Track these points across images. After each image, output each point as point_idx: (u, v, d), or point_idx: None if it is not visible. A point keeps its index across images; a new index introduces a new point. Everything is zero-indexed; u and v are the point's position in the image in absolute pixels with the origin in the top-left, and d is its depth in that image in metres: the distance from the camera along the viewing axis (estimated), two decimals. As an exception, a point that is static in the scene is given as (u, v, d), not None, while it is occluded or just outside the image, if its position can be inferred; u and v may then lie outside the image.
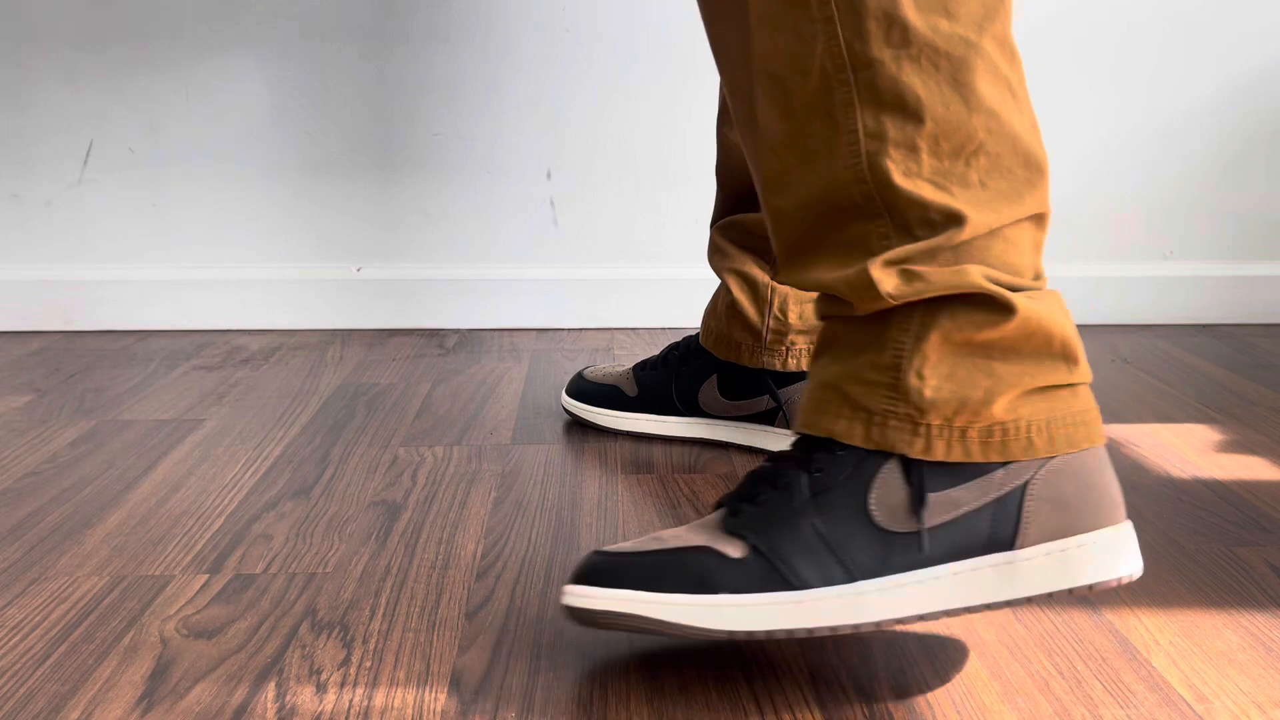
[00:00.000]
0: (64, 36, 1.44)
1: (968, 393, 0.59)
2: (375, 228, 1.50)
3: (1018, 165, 0.59)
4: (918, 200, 0.58)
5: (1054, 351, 0.60)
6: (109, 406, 1.14)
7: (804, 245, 0.63)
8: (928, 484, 0.59)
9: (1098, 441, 0.61)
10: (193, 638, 0.66)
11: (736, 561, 0.59)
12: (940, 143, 0.58)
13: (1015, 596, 0.59)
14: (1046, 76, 1.49)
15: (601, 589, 0.60)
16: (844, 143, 0.59)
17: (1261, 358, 1.35)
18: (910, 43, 0.57)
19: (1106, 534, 0.60)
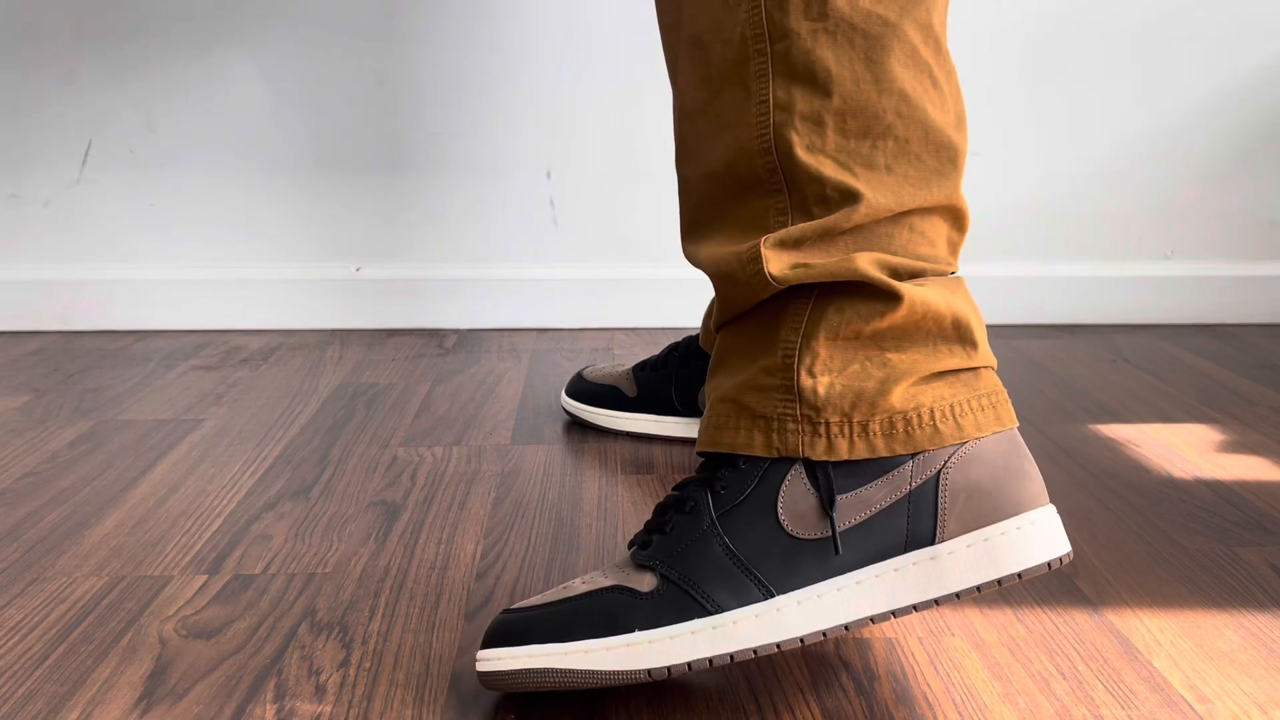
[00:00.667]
0: (64, 36, 1.44)
1: (862, 385, 0.57)
2: (375, 228, 1.50)
3: (928, 153, 0.58)
4: (816, 175, 0.57)
5: (947, 334, 0.59)
6: (108, 406, 1.14)
7: (704, 217, 0.62)
8: (836, 485, 0.58)
9: (1008, 424, 0.60)
10: (191, 638, 0.66)
11: (647, 595, 0.57)
12: (847, 120, 0.57)
13: (943, 594, 0.57)
14: (1046, 77, 1.49)
15: (510, 648, 0.56)
16: (754, 112, 0.58)
17: (1262, 357, 1.35)
18: (828, 17, 0.56)
19: (1029, 518, 0.58)
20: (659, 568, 0.58)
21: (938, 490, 0.58)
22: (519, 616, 0.58)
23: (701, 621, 0.56)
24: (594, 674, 0.56)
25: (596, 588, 0.58)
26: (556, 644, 0.56)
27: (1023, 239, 1.52)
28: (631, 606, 0.57)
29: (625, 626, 0.56)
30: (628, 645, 0.56)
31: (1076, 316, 1.53)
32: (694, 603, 0.57)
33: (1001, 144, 1.50)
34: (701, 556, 0.57)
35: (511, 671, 0.56)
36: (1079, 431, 1.05)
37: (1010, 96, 1.49)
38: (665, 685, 0.61)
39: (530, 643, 0.56)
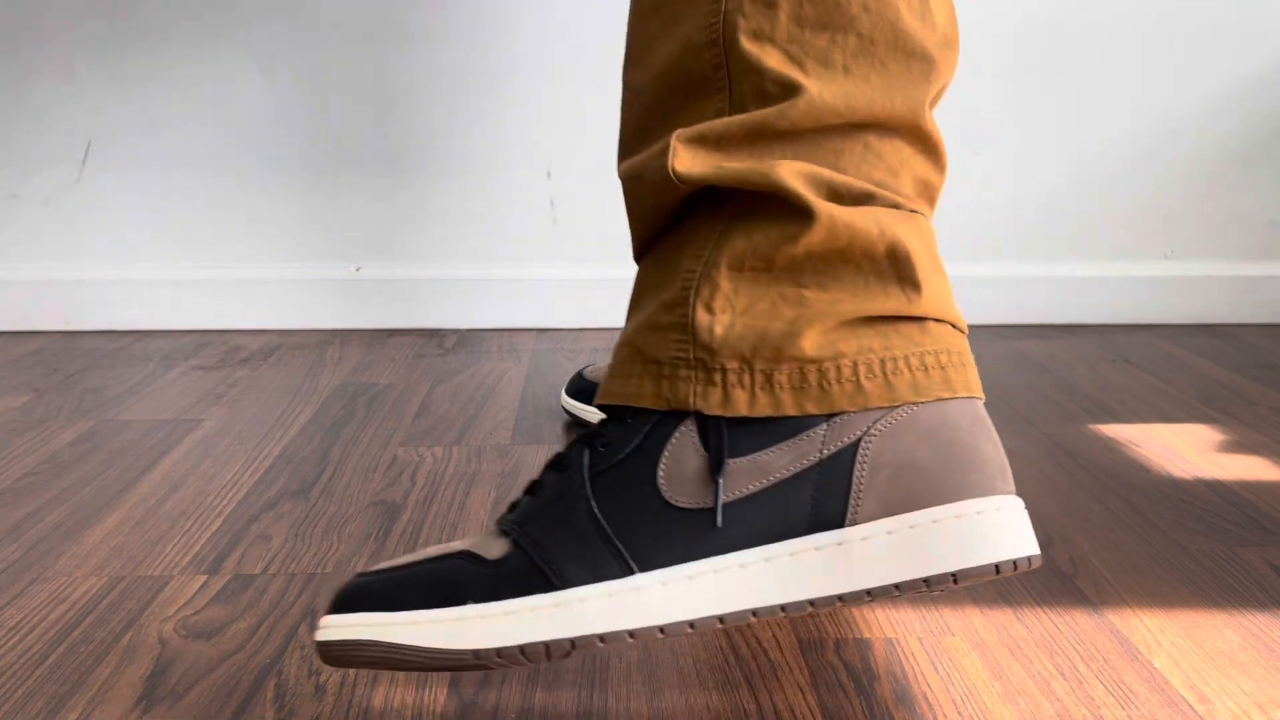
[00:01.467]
0: (64, 36, 1.44)
1: (768, 325, 0.47)
2: (375, 228, 1.50)
3: (895, 59, 0.48)
4: (758, 66, 0.47)
5: (880, 269, 0.47)
6: (107, 406, 1.14)
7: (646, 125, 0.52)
8: (729, 446, 0.47)
9: (961, 392, 0.48)
10: (191, 638, 0.66)
11: (492, 563, 0.48)
12: (804, 5, 0.47)
13: (851, 589, 0.46)
14: (1047, 77, 1.49)
15: (341, 615, 0.48)
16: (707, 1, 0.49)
17: (1263, 357, 1.35)
18: None
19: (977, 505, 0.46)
20: (514, 533, 0.49)
21: (854, 461, 0.47)
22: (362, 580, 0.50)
23: (544, 598, 0.46)
24: (418, 650, 0.47)
25: (445, 552, 0.50)
26: (385, 613, 0.47)
27: (1023, 239, 1.52)
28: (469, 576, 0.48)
29: (459, 598, 0.47)
30: (458, 620, 0.47)
31: (1076, 316, 1.53)
32: (539, 574, 0.47)
33: (1002, 144, 1.50)
34: (562, 522, 0.48)
35: (339, 642, 0.48)
36: (1079, 431, 1.05)
37: (1010, 96, 1.49)
38: (666, 686, 0.61)
39: (362, 610, 0.48)
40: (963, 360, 0.50)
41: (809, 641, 0.66)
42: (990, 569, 0.46)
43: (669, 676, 0.62)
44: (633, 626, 0.46)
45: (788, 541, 0.47)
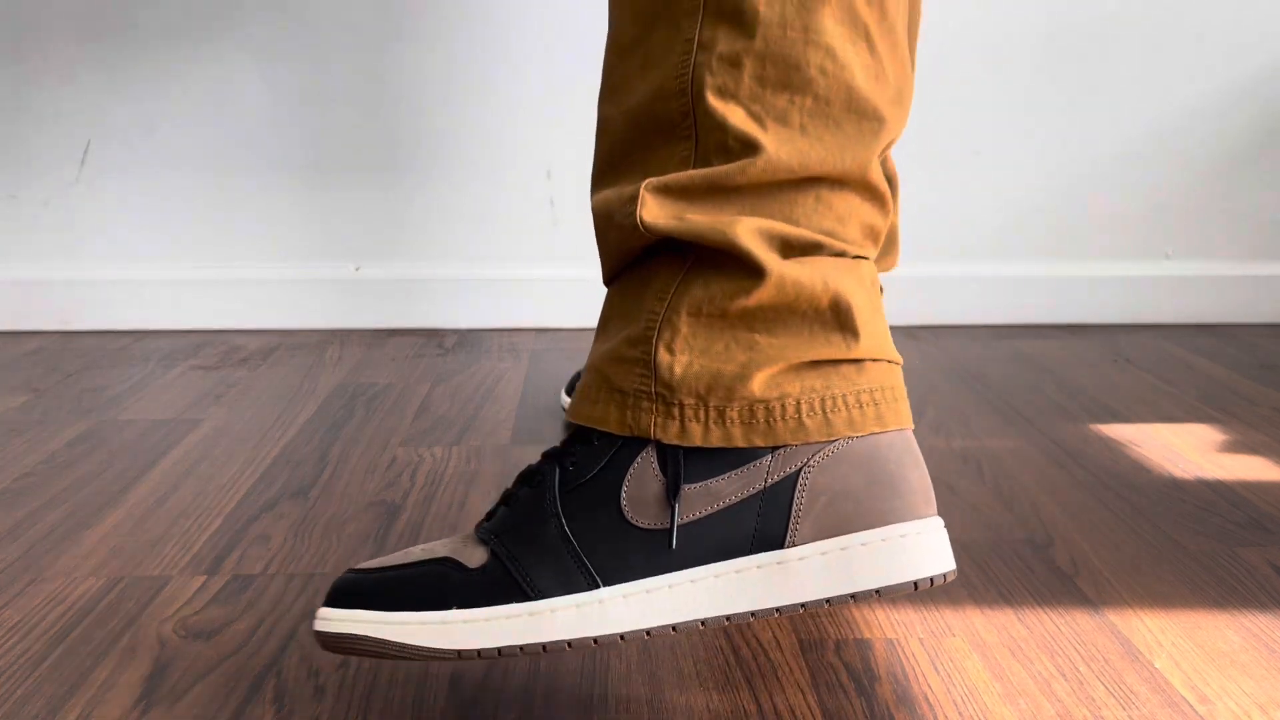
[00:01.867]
0: (63, 36, 1.44)
1: (721, 367, 0.52)
2: (375, 228, 1.50)
3: (849, 119, 0.53)
4: (721, 121, 0.52)
5: (824, 319, 0.53)
6: (107, 406, 1.14)
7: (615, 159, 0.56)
8: (684, 473, 0.53)
9: (892, 425, 0.54)
10: (191, 639, 0.66)
11: (472, 572, 0.54)
12: (766, 66, 0.52)
13: (787, 603, 0.52)
14: (1046, 77, 1.49)
15: (341, 610, 0.54)
16: (679, 50, 0.53)
17: (1263, 358, 1.35)
18: None
19: (900, 530, 0.52)
20: (492, 543, 0.55)
21: (795, 489, 0.53)
22: (357, 577, 0.56)
23: (520, 606, 0.53)
24: (407, 648, 0.53)
25: (430, 557, 0.55)
26: (380, 612, 0.54)
27: (1023, 239, 1.52)
28: (455, 582, 0.54)
29: (443, 602, 0.53)
30: (443, 623, 0.53)
31: (1076, 316, 1.53)
32: (515, 586, 0.53)
33: (1002, 144, 1.50)
34: (535, 536, 0.54)
35: (338, 634, 0.54)
36: (1080, 431, 1.05)
37: (1010, 96, 1.49)
38: (666, 686, 0.61)
39: (358, 606, 0.54)
40: (895, 395, 0.55)
41: (809, 642, 0.66)
42: (909, 585, 0.52)
43: (669, 676, 0.62)
44: (597, 634, 0.53)
45: (734, 560, 0.53)
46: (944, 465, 0.96)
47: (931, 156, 1.50)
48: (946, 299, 1.52)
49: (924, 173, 1.50)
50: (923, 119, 1.50)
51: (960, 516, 0.85)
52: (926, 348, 1.39)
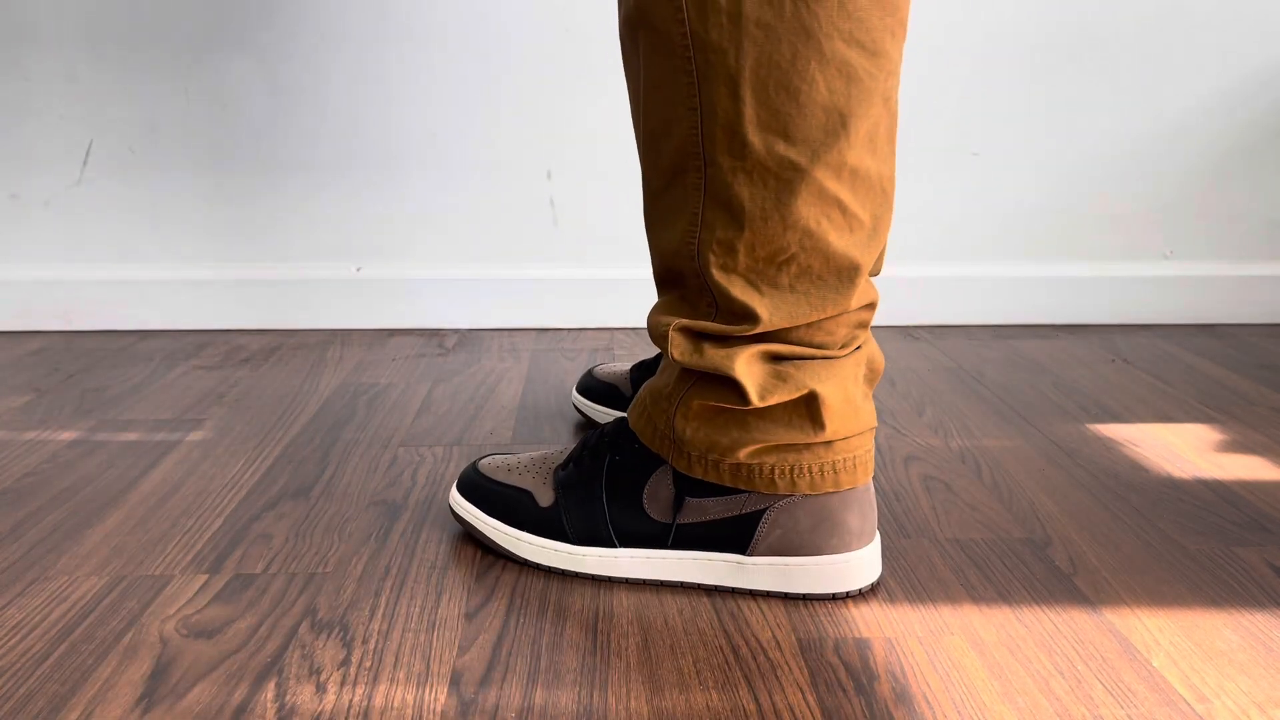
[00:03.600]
0: (64, 36, 1.44)
1: (717, 438, 0.70)
2: (375, 228, 1.50)
3: (829, 273, 0.66)
4: (726, 292, 0.66)
5: (800, 417, 0.68)
6: (108, 406, 1.14)
7: (663, 278, 0.72)
8: (686, 492, 0.72)
9: (845, 485, 0.70)
10: (192, 638, 0.66)
11: (542, 509, 0.76)
12: (756, 248, 0.65)
13: (740, 587, 0.72)
14: (1046, 77, 1.49)
15: (463, 500, 0.80)
16: (687, 220, 0.66)
17: (1262, 357, 1.35)
18: (746, 157, 0.63)
19: (829, 559, 0.71)
20: (558, 493, 0.76)
21: (760, 521, 0.71)
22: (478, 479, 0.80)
23: (562, 545, 0.75)
24: (494, 543, 0.77)
25: (517, 485, 0.78)
26: (485, 514, 0.78)
27: (1023, 239, 1.53)
28: (528, 512, 0.77)
29: (520, 524, 0.77)
30: (516, 537, 0.76)
31: (1076, 316, 1.53)
32: (562, 530, 0.75)
33: (1002, 144, 1.50)
34: (585, 500, 0.75)
35: (458, 514, 0.80)
36: (1079, 431, 1.06)
37: (1010, 97, 1.49)
38: (665, 685, 0.61)
39: (474, 503, 0.79)
40: (855, 462, 0.71)
41: (808, 641, 0.66)
42: (829, 596, 0.72)
43: (669, 676, 0.62)
44: (609, 574, 0.75)
45: (708, 552, 0.73)
46: (942, 465, 0.96)
47: (931, 157, 1.50)
48: (945, 299, 1.52)
49: (923, 173, 1.50)
50: (922, 120, 1.50)
51: (959, 516, 0.85)
52: (925, 348, 1.39)
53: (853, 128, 0.63)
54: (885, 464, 0.97)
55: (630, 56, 0.68)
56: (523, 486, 0.78)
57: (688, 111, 0.64)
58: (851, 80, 0.62)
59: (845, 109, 0.62)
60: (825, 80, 0.62)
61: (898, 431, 1.06)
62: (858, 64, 0.62)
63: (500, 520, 0.77)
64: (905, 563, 0.77)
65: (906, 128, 1.49)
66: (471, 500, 0.79)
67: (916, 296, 1.52)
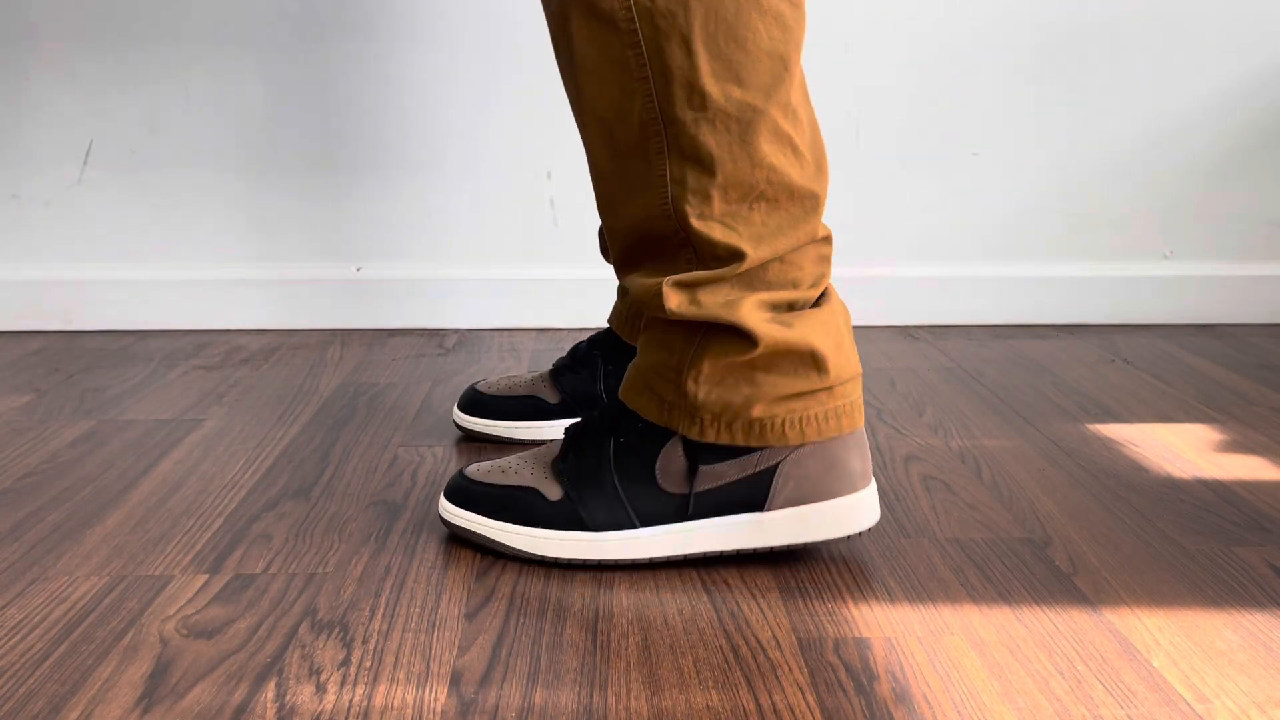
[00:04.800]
0: (64, 36, 1.44)
1: (730, 398, 0.73)
2: (375, 228, 1.50)
3: (793, 205, 0.71)
4: (708, 239, 0.70)
5: (805, 363, 0.72)
6: (109, 406, 1.14)
7: (631, 257, 0.75)
8: (700, 459, 0.74)
9: (847, 429, 0.75)
10: (192, 638, 0.66)
11: (553, 503, 0.76)
12: (729, 191, 0.69)
13: (761, 545, 0.75)
14: (1046, 77, 1.49)
15: (460, 509, 0.78)
16: (656, 184, 0.70)
17: (1262, 357, 1.35)
18: (707, 107, 0.68)
19: (840, 501, 0.75)
20: (565, 484, 0.76)
21: (774, 475, 0.74)
22: (465, 484, 0.79)
23: (583, 534, 0.75)
24: (507, 548, 0.77)
25: (520, 484, 0.77)
26: (490, 518, 0.77)
27: (1023, 239, 1.53)
28: (541, 509, 0.76)
29: (534, 522, 0.76)
30: (531, 536, 0.76)
31: (1076, 316, 1.53)
32: (580, 520, 0.75)
33: (1002, 144, 1.50)
34: (596, 486, 0.75)
35: (457, 526, 0.78)
36: (1079, 431, 1.06)
37: (1010, 97, 1.49)
38: (665, 685, 0.61)
39: (473, 510, 0.78)
40: (853, 406, 0.75)
41: (808, 641, 0.66)
42: (844, 536, 0.76)
43: (669, 676, 0.62)
44: (634, 557, 0.75)
45: (727, 517, 0.75)
46: (942, 465, 0.96)
47: (930, 158, 1.50)
48: (945, 299, 1.52)
49: (923, 174, 1.50)
50: (922, 120, 1.50)
51: (958, 516, 0.85)
52: (925, 348, 1.40)
53: (792, 71, 0.70)
54: (885, 464, 0.97)
55: (563, 49, 0.72)
56: (525, 485, 0.77)
57: (639, 82, 0.68)
58: (785, 28, 0.69)
59: (784, 54, 0.69)
60: (765, 29, 0.68)
61: (898, 431, 1.06)
62: (788, 13, 0.69)
63: (509, 522, 0.76)
64: (905, 563, 0.77)
65: (907, 128, 1.50)
66: (469, 508, 0.78)
67: (916, 296, 1.52)
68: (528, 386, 1.03)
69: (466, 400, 1.04)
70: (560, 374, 1.03)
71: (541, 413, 1.02)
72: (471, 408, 1.03)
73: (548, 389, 1.02)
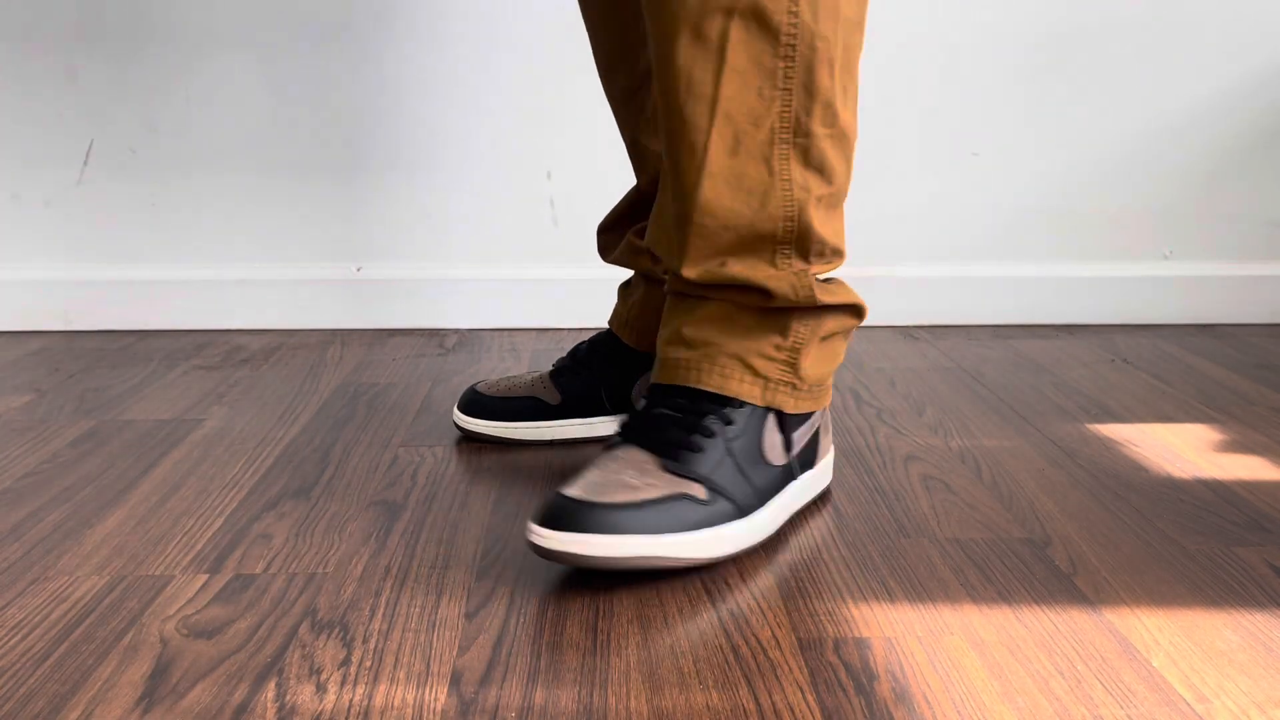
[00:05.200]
0: (64, 36, 1.44)
1: (824, 370, 0.83)
2: (375, 228, 1.50)
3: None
4: (822, 239, 0.79)
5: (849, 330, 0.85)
6: (109, 406, 1.14)
7: (723, 251, 0.78)
8: (791, 429, 0.82)
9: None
10: (193, 637, 0.66)
11: (706, 503, 0.75)
12: (836, 198, 0.79)
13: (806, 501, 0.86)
14: (1046, 77, 1.49)
15: (614, 537, 0.71)
16: (779, 188, 0.76)
17: (1261, 357, 1.35)
18: (835, 125, 0.76)
19: (829, 456, 0.89)
20: (705, 481, 0.76)
21: (818, 434, 0.86)
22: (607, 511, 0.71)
23: (744, 521, 0.77)
24: (687, 560, 0.73)
25: (666, 494, 0.74)
26: (654, 536, 0.72)
27: (1023, 239, 1.53)
28: (702, 511, 0.74)
29: (704, 524, 0.74)
30: (697, 540, 0.74)
31: (1077, 316, 1.53)
32: (737, 509, 0.76)
33: (1001, 144, 1.50)
34: (728, 473, 0.77)
35: (621, 558, 0.71)
36: (1078, 431, 1.06)
37: (1010, 97, 1.49)
38: (665, 685, 0.61)
39: (631, 533, 0.71)
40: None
41: (808, 640, 0.66)
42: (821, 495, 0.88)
43: (669, 675, 0.62)
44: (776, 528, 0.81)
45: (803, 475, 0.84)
46: (942, 465, 0.96)
47: (930, 158, 1.50)
48: (945, 299, 1.52)
49: (923, 174, 1.50)
50: (922, 121, 1.50)
51: (958, 516, 0.85)
52: (925, 348, 1.40)
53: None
54: (885, 464, 0.97)
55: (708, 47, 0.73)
56: (671, 494, 0.74)
57: (780, 92, 0.74)
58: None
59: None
60: (858, 60, 0.78)
61: (898, 431, 1.06)
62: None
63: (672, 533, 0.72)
64: (905, 563, 0.77)
65: (906, 128, 1.50)
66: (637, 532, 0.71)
67: (916, 296, 1.52)
68: (527, 387, 1.03)
69: (466, 401, 1.04)
70: (560, 374, 1.03)
71: (541, 413, 1.02)
72: (471, 408, 1.03)
73: (547, 389, 1.02)
